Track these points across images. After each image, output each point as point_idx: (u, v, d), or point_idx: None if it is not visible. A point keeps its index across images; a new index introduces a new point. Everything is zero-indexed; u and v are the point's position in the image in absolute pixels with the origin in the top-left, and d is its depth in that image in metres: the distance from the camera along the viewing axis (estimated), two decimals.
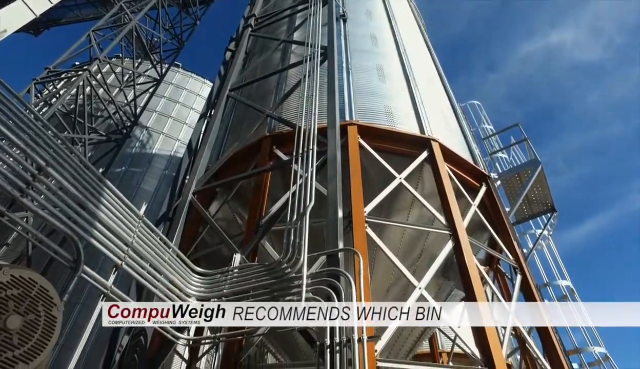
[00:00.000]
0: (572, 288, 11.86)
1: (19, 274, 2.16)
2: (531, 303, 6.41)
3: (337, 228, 4.72)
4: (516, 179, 9.56)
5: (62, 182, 3.41)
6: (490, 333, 4.78)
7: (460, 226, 5.79)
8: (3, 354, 1.91)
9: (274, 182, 6.39)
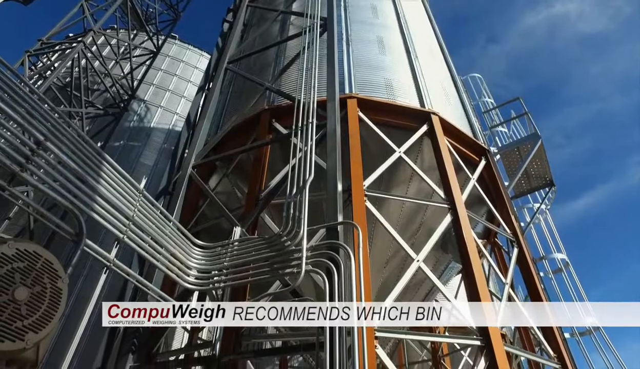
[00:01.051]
0: (567, 261, 12.06)
1: (24, 247, 2.19)
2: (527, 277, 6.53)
3: (336, 202, 4.75)
4: (515, 153, 9.55)
5: (61, 156, 3.40)
6: (486, 304, 4.88)
7: (459, 200, 5.83)
8: (13, 324, 1.96)
9: (274, 155, 6.38)
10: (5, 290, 2.01)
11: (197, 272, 4.70)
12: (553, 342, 5.85)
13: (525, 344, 7.29)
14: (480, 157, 7.39)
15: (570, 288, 11.51)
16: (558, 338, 5.87)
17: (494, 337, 4.61)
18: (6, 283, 2.03)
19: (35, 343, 2.06)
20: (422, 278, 7.13)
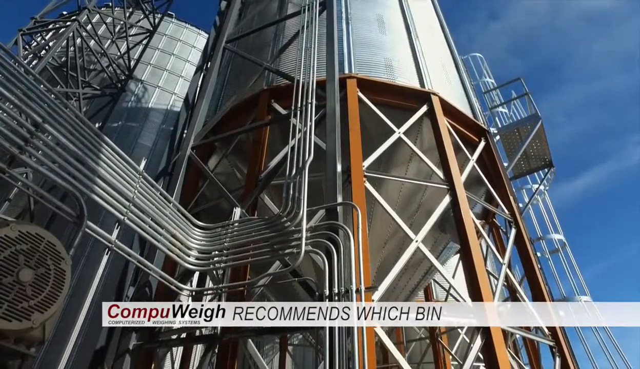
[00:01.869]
0: (565, 242, 12.17)
1: (26, 230, 2.22)
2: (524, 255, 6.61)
3: (336, 182, 4.76)
4: (515, 134, 9.53)
5: (59, 138, 3.39)
6: (483, 284, 4.96)
7: (458, 181, 5.84)
8: (19, 305, 2.00)
9: (273, 136, 6.36)
10: (10, 272, 2.04)
11: (198, 253, 4.75)
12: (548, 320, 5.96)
13: None
14: (480, 137, 7.38)
15: (566, 268, 11.66)
16: (553, 317, 5.97)
17: (490, 316, 4.69)
18: (11, 264, 2.06)
19: (42, 323, 2.11)
20: (421, 258, 7.21)
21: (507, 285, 7.70)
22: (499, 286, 5.72)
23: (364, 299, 3.59)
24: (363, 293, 3.62)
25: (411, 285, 8.50)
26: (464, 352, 12.37)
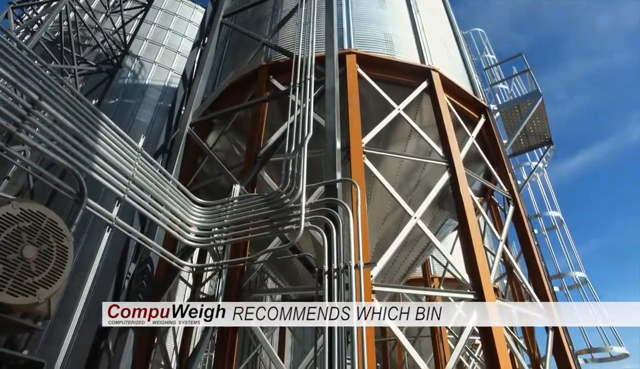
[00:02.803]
0: (562, 219, 12.26)
1: (28, 207, 2.23)
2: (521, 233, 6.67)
3: (335, 159, 4.76)
4: (515, 111, 9.47)
5: (56, 115, 3.37)
6: (480, 260, 5.02)
7: (457, 158, 5.84)
8: (24, 280, 2.04)
9: (272, 112, 6.32)
10: (14, 249, 2.07)
11: (198, 229, 4.78)
12: (542, 295, 6.07)
13: (516, 298, 7.57)
14: (480, 114, 7.34)
15: (562, 245, 11.78)
16: (547, 292, 6.08)
17: (486, 291, 4.77)
18: (14, 242, 2.09)
19: (47, 298, 2.14)
20: (419, 235, 7.27)
21: (504, 261, 7.80)
22: (495, 263, 5.81)
23: (362, 274, 3.64)
24: (362, 269, 3.67)
25: (409, 261, 8.60)
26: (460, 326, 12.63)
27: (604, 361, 10.49)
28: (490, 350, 4.45)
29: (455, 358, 4.69)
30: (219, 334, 4.69)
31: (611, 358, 10.42)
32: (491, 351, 4.43)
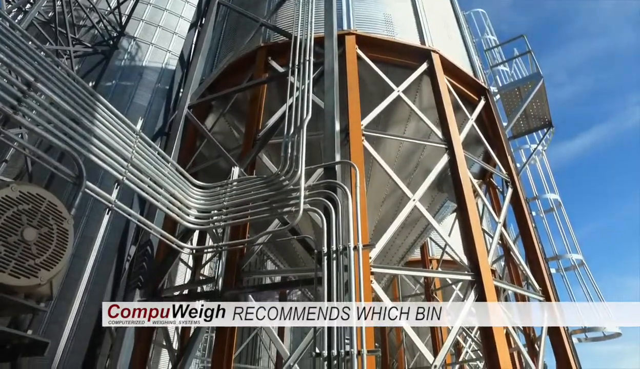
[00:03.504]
0: (560, 201, 12.31)
1: (27, 190, 2.23)
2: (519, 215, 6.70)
3: (334, 141, 4.75)
4: (516, 93, 9.40)
5: (53, 97, 3.34)
6: (479, 242, 5.06)
7: (457, 141, 5.83)
8: (26, 262, 2.05)
9: (270, 94, 6.27)
10: (15, 231, 2.08)
11: (197, 212, 4.80)
12: (539, 277, 6.14)
13: (513, 279, 7.66)
14: (480, 96, 7.29)
15: (560, 227, 11.85)
16: (544, 273, 6.14)
17: (484, 272, 4.82)
18: (14, 224, 2.09)
19: (49, 280, 2.16)
20: (418, 217, 7.30)
21: (502, 243, 7.87)
22: (493, 245, 5.85)
23: (361, 256, 3.67)
24: (361, 250, 3.69)
25: (408, 243, 8.66)
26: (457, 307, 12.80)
27: (597, 340, 10.68)
28: (487, 330, 4.52)
29: (452, 338, 4.76)
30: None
31: (604, 337, 10.60)
32: (488, 331, 4.50)
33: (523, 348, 6.20)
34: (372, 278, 4.39)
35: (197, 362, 11.50)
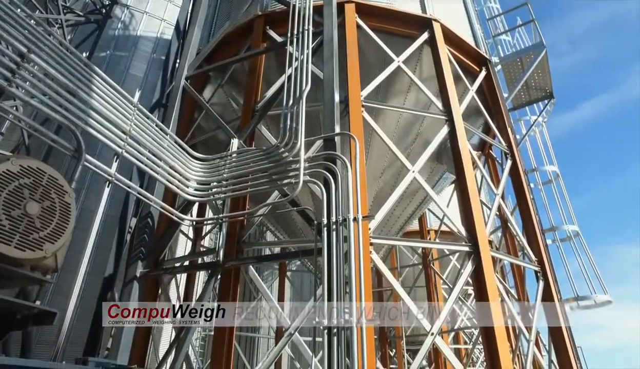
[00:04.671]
0: (558, 173, 12.33)
1: (27, 164, 2.22)
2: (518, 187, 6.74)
3: (333, 112, 4.72)
4: (517, 64, 9.26)
5: (47, 68, 3.28)
6: (477, 213, 5.11)
7: (457, 112, 5.79)
8: (30, 235, 2.08)
9: (269, 64, 6.17)
10: (17, 205, 2.09)
11: (197, 184, 4.81)
12: (535, 248, 6.24)
13: (509, 250, 7.77)
14: (481, 67, 7.19)
15: (557, 199, 11.92)
16: (540, 244, 6.24)
17: (481, 243, 4.89)
18: (17, 198, 2.10)
19: (53, 252, 2.20)
20: (417, 188, 7.34)
21: (499, 214, 7.94)
22: (491, 216, 5.91)
23: (361, 227, 3.71)
24: (360, 222, 3.73)
25: (406, 214, 8.73)
26: (454, 277, 13.05)
27: (589, 308, 10.95)
28: (483, 299, 4.62)
29: (449, 307, 4.87)
30: (220, 285, 4.84)
31: (595, 305, 10.85)
32: (484, 300, 4.61)
33: (517, 315, 6.36)
34: (371, 248, 4.46)
35: (199, 330, 11.80)
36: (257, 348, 12.75)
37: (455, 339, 15.71)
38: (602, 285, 10.89)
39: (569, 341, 5.65)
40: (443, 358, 10.80)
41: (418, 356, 4.40)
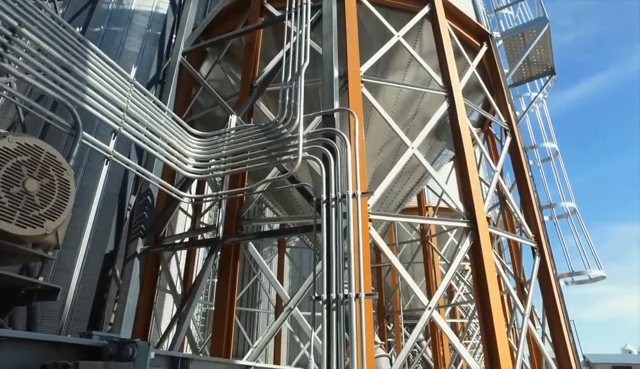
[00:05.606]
0: (557, 150, 12.32)
1: (24, 141, 2.20)
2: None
3: (332, 88, 4.67)
4: (519, 39, 9.10)
5: (40, 43, 3.22)
6: (475, 190, 5.12)
7: (457, 88, 5.74)
8: (30, 213, 2.08)
9: (267, 39, 6.07)
10: (16, 182, 2.08)
11: (195, 161, 4.80)
12: (533, 224, 6.29)
13: (507, 226, 7.83)
14: (482, 42, 7.09)
15: (556, 176, 11.95)
16: (538, 221, 6.28)
17: (480, 219, 4.93)
18: (15, 175, 2.09)
19: (54, 229, 2.20)
20: (415, 164, 7.34)
21: (498, 191, 7.96)
22: (490, 193, 5.93)
23: (360, 203, 3.73)
24: (359, 198, 3.74)
25: (405, 191, 8.76)
26: (451, 253, 13.20)
27: (583, 283, 11.13)
28: (480, 275, 4.69)
29: (447, 282, 4.94)
30: (220, 261, 4.89)
31: (590, 280, 11.02)
32: (481, 275, 4.68)
33: (513, 290, 6.46)
34: (370, 224, 4.49)
35: (200, 306, 12.00)
36: (257, 322, 12.99)
37: (452, 314, 16.00)
38: (597, 261, 11.04)
39: (563, 315, 5.76)
40: (439, 332, 11.03)
41: (415, 330, 4.49)
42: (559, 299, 5.88)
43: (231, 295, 4.64)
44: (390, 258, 4.72)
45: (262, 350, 4.69)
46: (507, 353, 4.31)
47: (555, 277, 6.06)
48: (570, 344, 5.62)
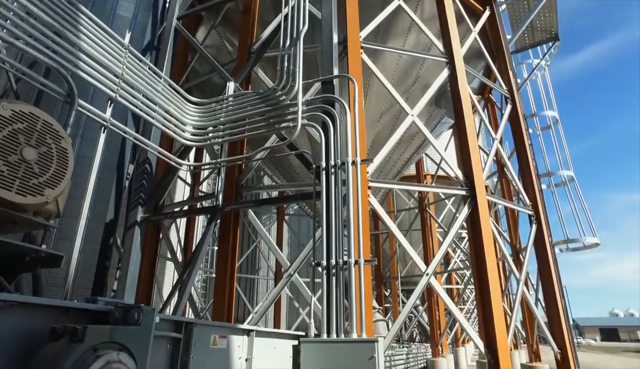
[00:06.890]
0: (557, 118, 12.25)
1: (19, 109, 2.15)
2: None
3: (332, 54, 4.58)
4: (523, 3, 8.86)
5: (28, 6, 3.12)
6: (474, 158, 5.11)
7: (458, 54, 5.63)
8: (30, 181, 2.06)
9: (264, 4, 5.89)
10: (14, 151, 2.05)
11: (193, 128, 4.75)
12: (530, 192, 6.32)
13: (505, 194, 7.88)
14: (485, 6, 6.91)
15: (555, 144, 11.93)
16: (535, 189, 6.31)
17: (478, 187, 4.94)
18: (12, 143, 2.06)
19: (54, 198, 2.19)
20: (415, 132, 7.30)
21: (496, 159, 7.96)
22: (489, 161, 5.92)
23: (359, 171, 3.72)
24: (359, 165, 3.74)
25: (404, 159, 8.75)
26: (448, 221, 13.33)
27: (577, 250, 11.32)
28: (477, 241, 4.75)
29: (444, 249, 5.01)
30: (220, 228, 4.93)
31: (584, 247, 11.20)
32: (478, 242, 4.74)
33: (509, 257, 6.57)
34: (369, 192, 4.50)
35: (200, 273, 12.19)
36: (257, 289, 13.25)
37: (448, 280, 16.34)
38: (592, 229, 11.18)
39: (556, 282, 5.88)
40: (436, 297, 11.29)
41: (413, 296, 4.59)
42: (554, 266, 5.99)
43: (231, 262, 4.71)
44: (389, 225, 4.77)
45: (263, 315, 4.80)
46: (502, 317, 4.43)
47: (550, 244, 6.15)
48: (563, 309, 5.76)
